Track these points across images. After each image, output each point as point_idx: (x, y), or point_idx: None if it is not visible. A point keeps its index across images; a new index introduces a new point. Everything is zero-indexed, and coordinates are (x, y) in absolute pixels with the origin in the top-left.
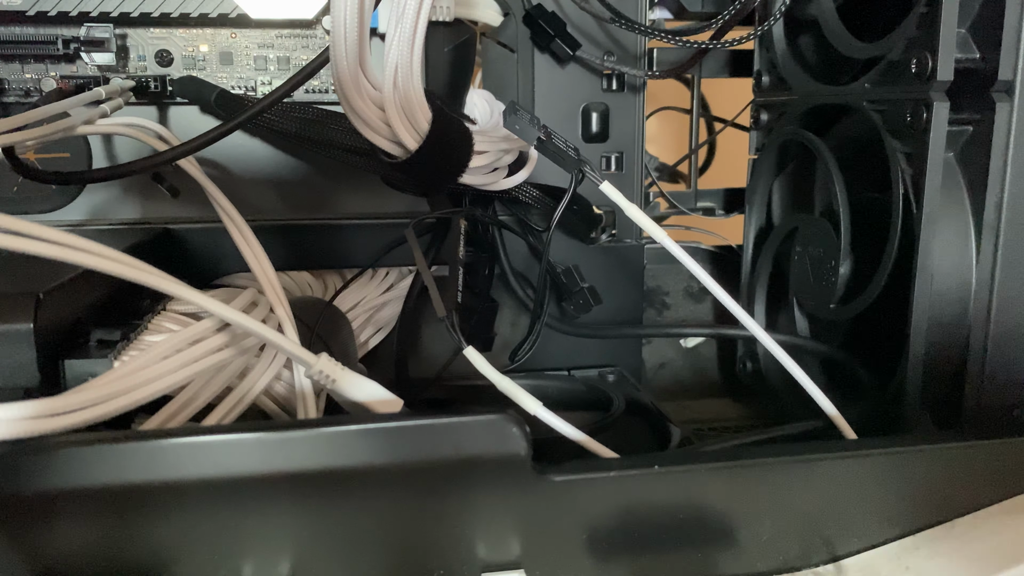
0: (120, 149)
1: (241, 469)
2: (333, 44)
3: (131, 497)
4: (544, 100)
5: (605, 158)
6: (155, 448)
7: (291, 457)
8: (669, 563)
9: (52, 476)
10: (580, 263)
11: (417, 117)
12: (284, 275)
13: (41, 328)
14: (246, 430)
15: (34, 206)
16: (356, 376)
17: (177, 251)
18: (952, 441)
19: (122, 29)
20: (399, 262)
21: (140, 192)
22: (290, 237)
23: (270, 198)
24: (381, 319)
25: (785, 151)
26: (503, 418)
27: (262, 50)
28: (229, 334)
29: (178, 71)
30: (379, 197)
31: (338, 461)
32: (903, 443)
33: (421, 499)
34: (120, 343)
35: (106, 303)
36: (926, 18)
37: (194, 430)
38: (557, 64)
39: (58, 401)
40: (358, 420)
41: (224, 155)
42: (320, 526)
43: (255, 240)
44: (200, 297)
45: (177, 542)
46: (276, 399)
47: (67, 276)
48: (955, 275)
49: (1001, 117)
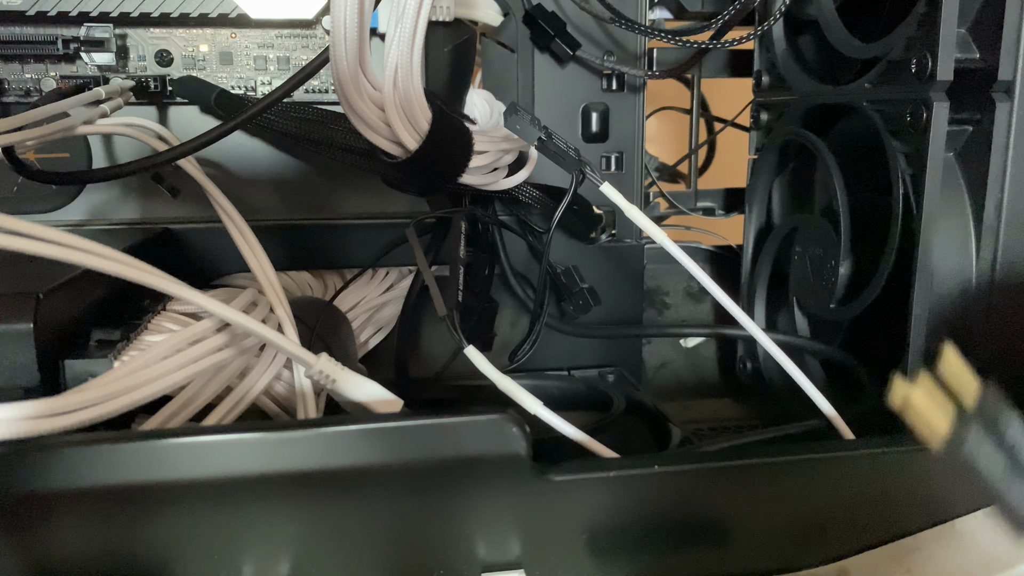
0: (120, 149)
1: (241, 469)
2: (333, 44)
3: (131, 497)
4: (544, 100)
5: (605, 158)
6: (155, 448)
7: (291, 457)
8: (668, 563)
9: (52, 476)
10: (580, 263)
11: (417, 117)
12: (284, 275)
13: (41, 328)
14: (246, 430)
15: (34, 206)
16: (356, 376)
17: (177, 251)
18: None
19: (122, 29)
20: (399, 262)
21: (140, 192)
22: (290, 237)
23: (270, 198)
24: (381, 319)
25: (785, 151)
26: (503, 418)
27: (262, 50)
28: (229, 334)
29: (178, 71)
30: (379, 197)
31: (338, 461)
32: (903, 443)
33: (421, 499)
34: (120, 343)
35: (106, 303)
36: (926, 18)
37: (194, 430)
38: (557, 64)
39: (58, 401)
40: (358, 420)
41: (224, 155)
42: (320, 526)
43: (255, 240)
44: (200, 297)
45: (177, 542)
46: (276, 399)
47: (67, 276)
48: (955, 275)
49: (1001, 117)
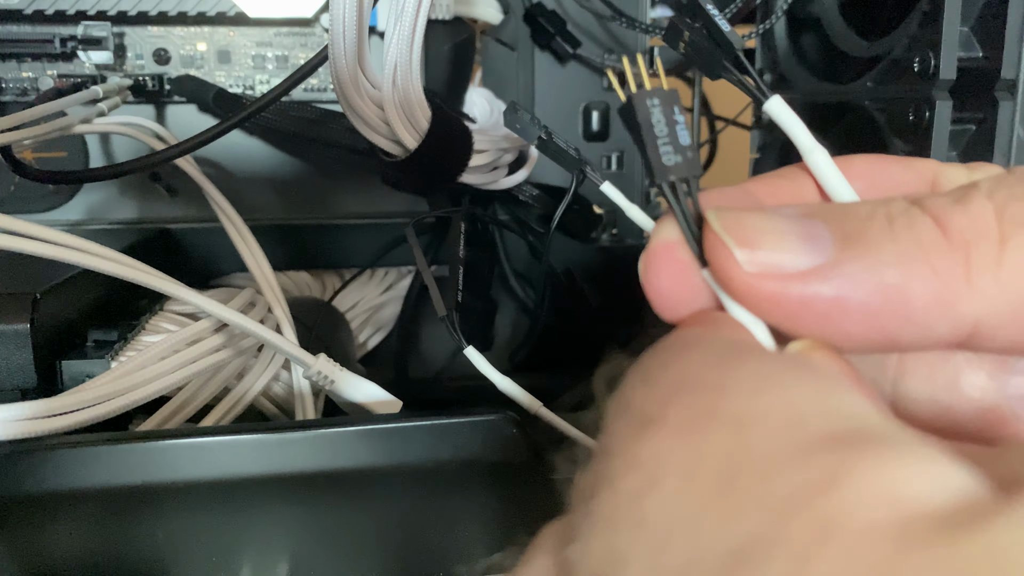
0: (117, 148)
1: (239, 470)
2: (332, 42)
3: (128, 499)
4: (544, 99)
5: (606, 157)
6: (152, 449)
7: (290, 458)
8: None
9: (49, 477)
10: (580, 263)
11: (416, 116)
12: (282, 275)
13: (38, 328)
14: (244, 431)
15: (31, 206)
16: (355, 377)
17: (175, 251)
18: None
19: (119, 27)
20: (398, 262)
21: (137, 192)
22: (288, 237)
23: (268, 197)
24: (380, 319)
25: (787, 150)
26: (503, 418)
27: (260, 48)
28: (227, 335)
29: (176, 70)
30: (378, 197)
31: (337, 462)
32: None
33: (421, 500)
34: (117, 343)
35: (103, 303)
36: (928, 16)
37: (192, 431)
38: (557, 62)
39: (55, 402)
40: (357, 421)
41: (222, 154)
42: (319, 528)
43: (253, 240)
44: (198, 297)
45: (175, 544)
46: (274, 400)
47: (64, 276)
48: None
49: (1004, 116)
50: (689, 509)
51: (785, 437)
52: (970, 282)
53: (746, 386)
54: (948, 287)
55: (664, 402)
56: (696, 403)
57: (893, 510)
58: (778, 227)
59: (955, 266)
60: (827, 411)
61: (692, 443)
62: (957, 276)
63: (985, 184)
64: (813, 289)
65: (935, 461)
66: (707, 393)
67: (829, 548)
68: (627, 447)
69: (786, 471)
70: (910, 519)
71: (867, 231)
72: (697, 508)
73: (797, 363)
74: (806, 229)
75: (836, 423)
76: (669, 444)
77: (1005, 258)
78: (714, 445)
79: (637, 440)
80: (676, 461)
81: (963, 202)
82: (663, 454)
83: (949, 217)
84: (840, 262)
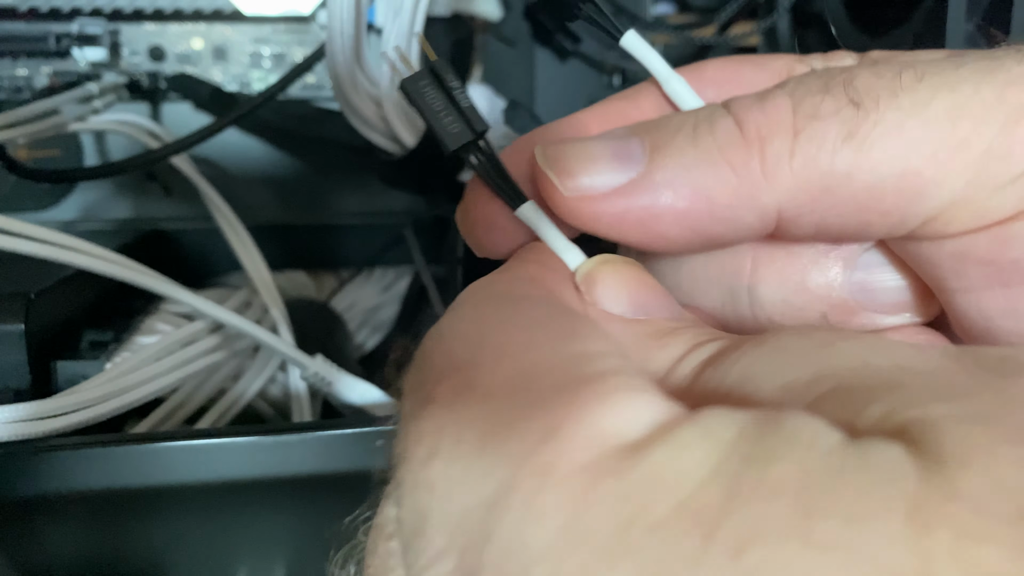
0: (112, 146)
1: (235, 473)
2: (329, 39)
3: (123, 501)
4: (545, 96)
5: None
6: (147, 452)
7: (286, 461)
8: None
9: (42, 480)
10: None
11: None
12: (279, 275)
13: (32, 329)
14: (240, 433)
15: (24, 204)
16: (352, 378)
17: (170, 251)
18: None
19: (115, 24)
20: (397, 262)
21: (132, 191)
22: (285, 236)
23: (265, 196)
24: (378, 320)
25: None
26: None
27: (257, 46)
28: (223, 335)
29: (171, 67)
30: (376, 196)
31: (334, 465)
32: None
33: None
34: (112, 344)
35: (98, 304)
36: (933, 13)
37: (187, 433)
38: (559, 60)
39: (49, 403)
40: (355, 423)
41: (218, 153)
42: (316, 531)
43: (249, 239)
44: (193, 298)
45: (170, 547)
46: (271, 402)
47: (59, 276)
48: None
49: None
50: (460, 470)
51: (521, 400)
52: (766, 174)
53: (491, 356)
54: (746, 181)
55: (436, 380)
56: (457, 380)
57: (595, 449)
58: (592, 152)
59: (750, 160)
60: (559, 364)
61: (456, 417)
62: (753, 170)
63: (791, 82)
64: (623, 203)
65: (640, 395)
66: (465, 370)
67: (545, 491)
68: (414, 424)
69: (520, 429)
70: (604, 454)
71: (673, 140)
72: (464, 469)
73: (549, 315)
74: (620, 148)
75: (565, 374)
76: (441, 420)
77: (797, 148)
78: (472, 416)
79: (419, 418)
80: (448, 433)
81: (762, 99)
82: (438, 428)
83: (747, 115)
84: (648, 173)
